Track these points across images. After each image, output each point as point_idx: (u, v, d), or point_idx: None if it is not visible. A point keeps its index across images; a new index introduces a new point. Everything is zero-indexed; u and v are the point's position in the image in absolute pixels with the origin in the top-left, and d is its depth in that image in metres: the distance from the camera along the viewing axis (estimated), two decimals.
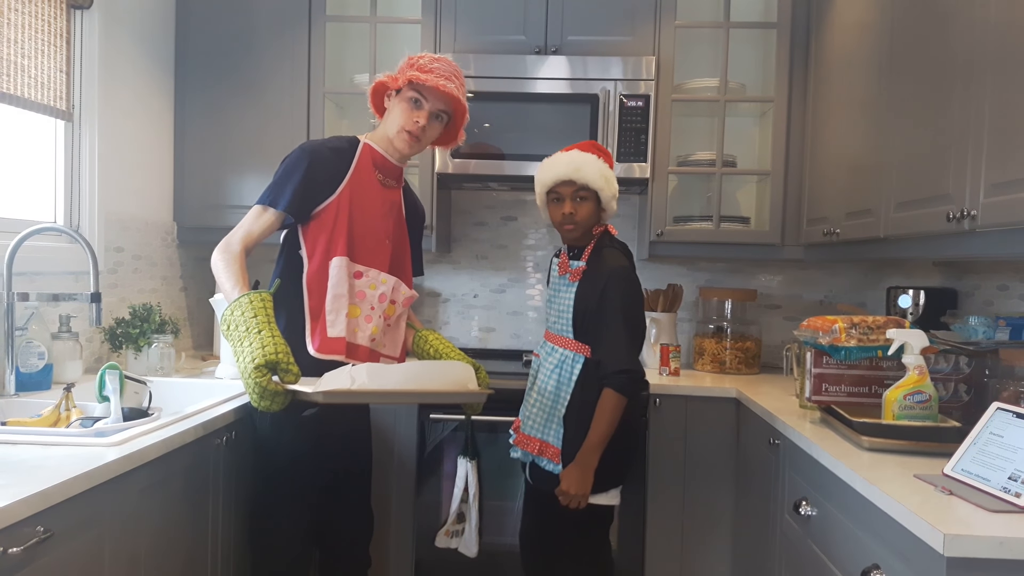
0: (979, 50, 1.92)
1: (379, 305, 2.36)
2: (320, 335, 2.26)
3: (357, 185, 2.33)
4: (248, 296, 2.10)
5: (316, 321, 2.28)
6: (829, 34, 3.07)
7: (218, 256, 2.22)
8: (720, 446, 3.08)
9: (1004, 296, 2.60)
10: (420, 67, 2.29)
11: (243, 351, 2.02)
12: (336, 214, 2.29)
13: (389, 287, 2.38)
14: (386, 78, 2.34)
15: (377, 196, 2.38)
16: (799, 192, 3.33)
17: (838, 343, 2.32)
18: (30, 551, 1.48)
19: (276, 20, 3.37)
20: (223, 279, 2.19)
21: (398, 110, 2.32)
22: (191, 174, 3.43)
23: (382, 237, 2.39)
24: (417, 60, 2.32)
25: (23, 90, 2.57)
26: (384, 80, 2.35)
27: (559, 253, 2.63)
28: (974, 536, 1.44)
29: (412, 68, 2.29)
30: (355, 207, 2.32)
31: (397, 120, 2.32)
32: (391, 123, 2.34)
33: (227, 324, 2.09)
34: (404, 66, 2.33)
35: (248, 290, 2.14)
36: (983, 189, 1.88)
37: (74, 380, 2.55)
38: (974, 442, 1.79)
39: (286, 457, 2.31)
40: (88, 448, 1.83)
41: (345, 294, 2.28)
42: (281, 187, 2.26)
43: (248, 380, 2.00)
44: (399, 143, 2.35)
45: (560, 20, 3.32)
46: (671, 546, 3.09)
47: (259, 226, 2.28)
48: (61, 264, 2.70)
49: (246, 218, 2.30)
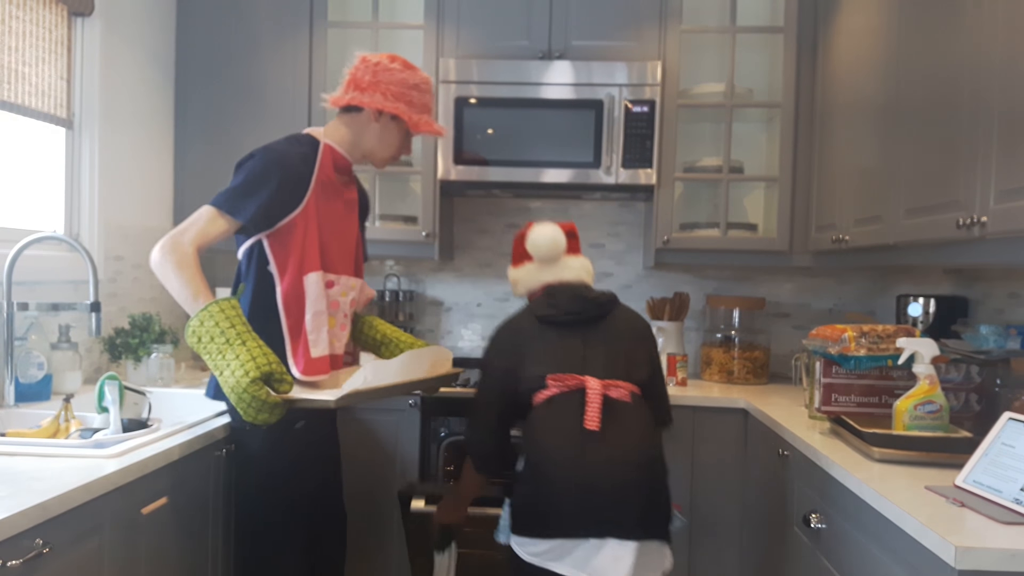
0: (988, 54, 1.89)
1: (349, 310, 2.33)
2: (304, 357, 2.17)
3: (321, 191, 2.23)
4: (218, 304, 1.98)
5: (297, 341, 2.18)
6: (836, 38, 3.05)
7: (167, 257, 2.03)
8: (728, 457, 3.05)
9: (1015, 304, 2.57)
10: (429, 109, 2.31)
11: (229, 364, 1.94)
12: (305, 226, 2.18)
13: (357, 290, 2.35)
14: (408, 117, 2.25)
15: (339, 198, 2.31)
16: (807, 198, 3.30)
17: (848, 352, 2.30)
18: (29, 564, 1.46)
19: (277, 27, 3.36)
20: (177, 284, 2.02)
21: (392, 137, 2.30)
22: (191, 182, 3.42)
23: (347, 240, 2.34)
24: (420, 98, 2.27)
25: (24, 98, 2.56)
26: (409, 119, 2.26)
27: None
28: (986, 548, 1.42)
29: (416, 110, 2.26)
30: (321, 215, 2.22)
31: (389, 147, 2.31)
32: (379, 145, 2.30)
33: (198, 337, 1.97)
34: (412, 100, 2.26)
35: (213, 297, 2.02)
36: (993, 195, 1.86)
37: (73, 391, 2.55)
38: (986, 453, 1.77)
39: (282, 473, 2.23)
40: (87, 459, 1.82)
41: (324, 310, 2.21)
42: (245, 197, 2.11)
43: (243, 395, 1.92)
44: (378, 162, 2.36)
45: (564, 25, 3.30)
46: (678, 559, 3.05)
47: (214, 231, 2.10)
48: (61, 273, 2.69)
49: (198, 218, 2.10)
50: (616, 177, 3.21)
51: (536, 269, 2.42)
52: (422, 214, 3.37)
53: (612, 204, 3.78)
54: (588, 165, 3.21)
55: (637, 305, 3.76)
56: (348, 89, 2.27)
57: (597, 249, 3.79)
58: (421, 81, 2.28)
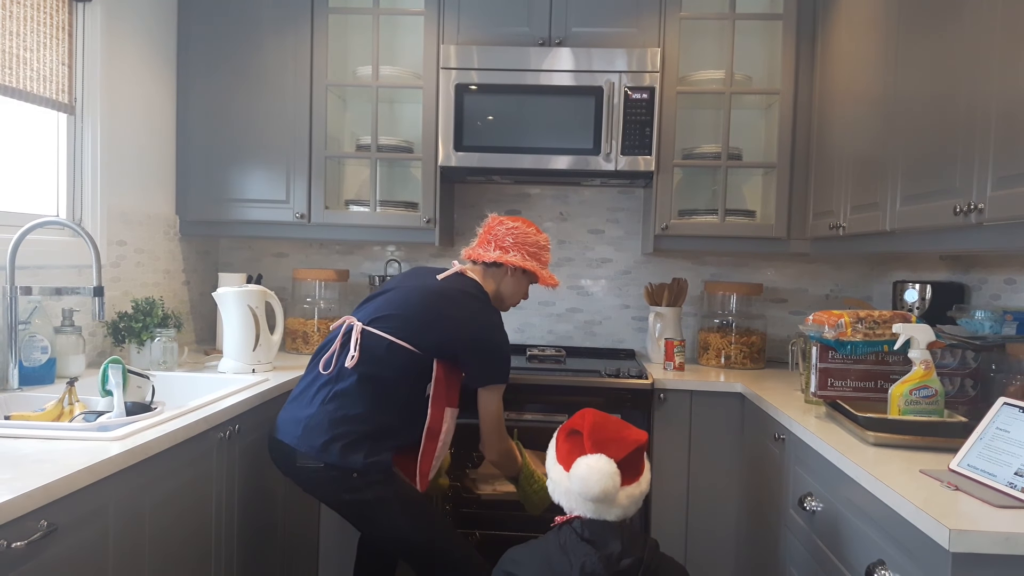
0: (986, 41, 1.90)
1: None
2: (423, 478, 2.51)
3: None
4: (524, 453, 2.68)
5: (426, 463, 2.51)
6: (836, 25, 3.05)
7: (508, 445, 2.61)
8: (724, 441, 3.08)
9: (1011, 290, 2.58)
10: (547, 262, 2.71)
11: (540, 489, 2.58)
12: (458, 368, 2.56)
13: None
14: (540, 273, 2.64)
15: None
16: (805, 185, 3.31)
17: (844, 338, 2.32)
18: (34, 546, 1.48)
19: (278, 12, 3.36)
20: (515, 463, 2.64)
21: (522, 287, 2.69)
22: (193, 167, 3.42)
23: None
24: (547, 257, 2.69)
25: (25, 83, 2.56)
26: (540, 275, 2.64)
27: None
28: (980, 531, 1.43)
29: (542, 266, 2.67)
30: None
31: (519, 292, 2.70)
32: (515, 293, 2.69)
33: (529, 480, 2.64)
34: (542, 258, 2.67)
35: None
36: (990, 182, 1.87)
37: (77, 374, 2.56)
38: (980, 437, 1.79)
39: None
40: (91, 442, 1.83)
41: (448, 442, 2.59)
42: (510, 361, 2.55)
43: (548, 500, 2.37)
44: (506, 306, 2.71)
45: (565, 11, 3.30)
46: (676, 541, 3.09)
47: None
48: (64, 258, 2.70)
49: (497, 404, 2.54)
50: (615, 164, 3.22)
51: (572, 492, 2.03)
52: (423, 200, 3.38)
53: (611, 190, 3.79)
54: (587, 152, 3.22)
55: (635, 291, 3.78)
56: (489, 247, 2.65)
57: (596, 235, 3.80)
58: (546, 241, 2.69)
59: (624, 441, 2.06)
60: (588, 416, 2.11)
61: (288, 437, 2.36)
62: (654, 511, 3.07)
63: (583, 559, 1.92)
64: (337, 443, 2.31)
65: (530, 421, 3.01)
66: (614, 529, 1.99)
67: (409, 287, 2.53)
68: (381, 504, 2.36)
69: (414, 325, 2.43)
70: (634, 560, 1.93)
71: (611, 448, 2.03)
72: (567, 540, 1.98)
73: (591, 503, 2.00)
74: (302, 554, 3.05)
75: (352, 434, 2.32)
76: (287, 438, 2.36)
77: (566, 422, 2.17)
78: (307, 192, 3.39)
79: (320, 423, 2.33)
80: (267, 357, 2.96)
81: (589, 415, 2.11)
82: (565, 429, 2.15)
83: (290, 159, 3.39)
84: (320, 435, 2.32)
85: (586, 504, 2.01)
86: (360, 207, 3.48)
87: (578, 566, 1.92)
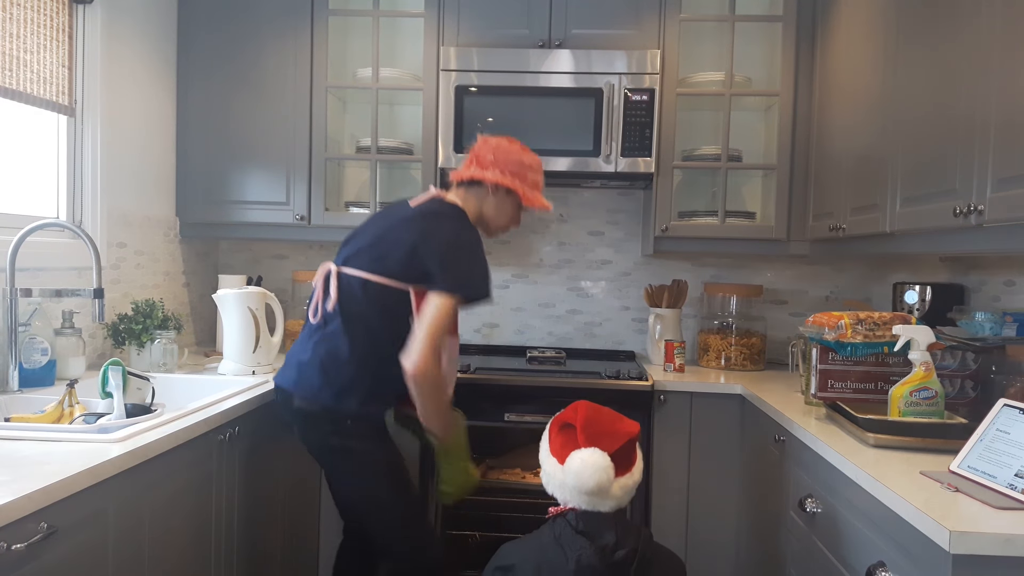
0: (986, 42, 1.90)
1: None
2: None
3: None
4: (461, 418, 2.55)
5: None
6: (835, 27, 3.05)
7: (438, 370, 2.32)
8: (725, 443, 3.08)
9: (1011, 292, 2.58)
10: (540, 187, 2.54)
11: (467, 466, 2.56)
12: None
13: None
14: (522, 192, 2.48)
15: None
16: (805, 187, 3.31)
17: (844, 339, 2.32)
18: (33, 548, 1.47)
19: (279, 14, 3.36)
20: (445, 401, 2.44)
21: (506, 208, 2.53)
22: (193, 169, 3.42)
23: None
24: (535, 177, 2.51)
25: (25, 85, 2.56)
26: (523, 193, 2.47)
27: None
28: (980, 533, 1.43)
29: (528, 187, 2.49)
30: None
31: (503, 216, 2.55)
32: (499, 215, 2.53)
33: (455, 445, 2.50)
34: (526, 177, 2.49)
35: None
36: (990, 184, 1.87)
37: (77, 376, 2.56)
38: (980, 439, 1.79)
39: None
40: (91, 444, 1.83)
41: (456, 358, 2.54)
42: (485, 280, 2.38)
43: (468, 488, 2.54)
44: (492, 230, 2.57)
45: (564, 13, 3.30)
46: (676, 542, 3.09)
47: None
48: (64, 260, 2.70)
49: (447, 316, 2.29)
50: (615, 165, 3.22)
51: (567, 485, 2.05)
52: None
53: (611, 192, 3.79)
54: (587, 153, 3.22)
55: (635, 292, 3.78)
56: (471, 165, 2.50)
57: (596, 237, 3.80)
58: (534, 162, 2.52)
59: (617, 434, 2.08)
60: (581, 409, 2.12)
61: (286, 382, 2.40)
62: (654, 512, 3.07)
63: (579, 552, 1.95)
64: (331, 387, 2.33)
65: (530, 423, 3.01)
66: (608, 520, 2.01)
67: (380, 221, 2.47)
68: (365, 457, 2.36)
69: (385, 256, 2.35)
70: (628, 551, 1.96)
71: (604, 441, 2.05)
72: (562, 533, 2.01)
73: (585, 496, 2.01)
74: (302, 556, 3.04)
75: (345, 378, 2.34)
76: (285, 382, 2.41)
77: (559, 414, 2.18)
78: (307, 194, 3.39)
79: (314, 367, 2.36)
80: (267, 359, 2.96)
81: (582, 408, 2.12)
82: (558, 422, 2.16)
83: (290, 161, 3.39)
84: (314, 378, 2.35)
85: (580, 497, 2.02)
86: (360, 209, 3.48)
87: (574, 559, 1.94)
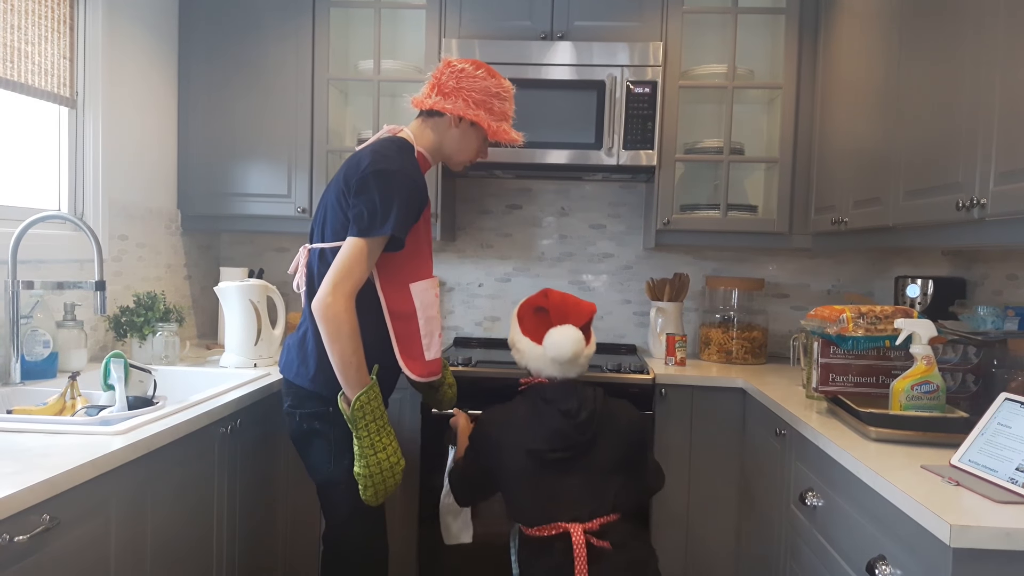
0: (990, 35, 1.90)
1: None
2: (419, 361, 2.29)
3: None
4: (376, 386, 2.13)
5: (411, 348, 2.27)
6: (838, 20, 3.04)
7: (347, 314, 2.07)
8: (726, 436, 3.08)
9: (1013, 285, 2.58)
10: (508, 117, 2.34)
11: (385, 447, 2.13)
12: (416, 237, 2.25)
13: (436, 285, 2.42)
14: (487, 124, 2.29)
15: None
16: (807, 180, 3.31)
17: (845, 333, 2.31)
18: (36, 539, 1.48)
19: (280, 6, 3.36)
20: (350, 351, 2.07)
21: (471, 142, 2.34)
22: (195, 161, 3.42)
23: (430, 240, 2.40)
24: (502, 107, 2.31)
25: (26, 77, 2.56)
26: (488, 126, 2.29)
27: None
28: (981, 527, 1.44)
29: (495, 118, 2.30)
30: (422, 222, 2.29)
31: (468, 151, 2.36)
32: (458, 149, 2.35)
33: (363, 412, 2.10)
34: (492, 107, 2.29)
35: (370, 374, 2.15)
36: (993, 177, 1.87)
37: (79, 368, 2.57)
38: (982, 433, 1.79)
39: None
40: (93, 437, 1.83)
41: (436, 315, 2.34)
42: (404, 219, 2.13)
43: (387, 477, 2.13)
44: (455, 165, 2.41)
45: (567, 5, 3.29)
46: (676, 536, 3.09)
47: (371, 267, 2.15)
48: (65, 252, 2.70)
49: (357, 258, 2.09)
50: (617, 158, 3.21)
51: (545, 358, 2.42)
52: None
53: (613, 185, 3.78)
54: (589, 146, 3.21)
55: (637, 286, 3.78)
56: (432, 93, 2.28)
57: (598, 230, 3.80)
58: (502, 89, 2.31)
59: (582, 312, 2.47)
60: (552, 295, 2.50)
61: (281, 364, 2.34)
62: (655, 505, 3.07)
63: (552, 420, 2.32)
64: (305, 366, 2.23)
65: None
66: (572, 388, 2.38)
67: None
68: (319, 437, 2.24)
69: (326, 218, 2.22)
70: (589, 412, 2.33)
71: (573, 318, 2.45)
72: (535, 404, 2.38)
73: (559, 364, 2.40)
74: (303, 548, 3.05)
75: (313, 357, 2.21)
76: (280, 365, 2.34)
77: (527, 300, 2.54)
78: (309, 186, 3.39)
79: (292, 346, 2.29)
80: (269, 352, 2.97)
81: (553, 294, 2.51)
82: (531, 307, 2.51)
83: (291, 153, 3.39)
84: (293, 358, 2.27)
85: (554, 366, 2.41)
86: None
87: (549, 427, 2.32)
